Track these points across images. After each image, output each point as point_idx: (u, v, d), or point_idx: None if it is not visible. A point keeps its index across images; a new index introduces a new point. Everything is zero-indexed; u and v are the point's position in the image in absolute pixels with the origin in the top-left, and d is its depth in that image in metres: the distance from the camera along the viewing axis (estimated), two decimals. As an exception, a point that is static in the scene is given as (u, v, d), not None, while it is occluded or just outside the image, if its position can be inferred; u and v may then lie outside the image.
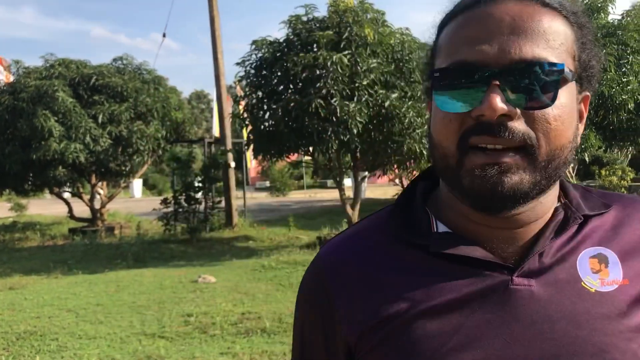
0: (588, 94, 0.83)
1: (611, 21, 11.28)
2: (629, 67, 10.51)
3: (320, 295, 0.87)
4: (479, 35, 0.74)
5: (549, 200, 0.82)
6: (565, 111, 0.75)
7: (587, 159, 10.97)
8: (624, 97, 10.24)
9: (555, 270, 0.78)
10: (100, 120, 13.41)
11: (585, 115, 0.83)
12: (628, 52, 10.47)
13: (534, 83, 0.72)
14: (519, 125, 0.72)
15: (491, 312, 0.77)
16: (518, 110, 0.72)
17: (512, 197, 0.74)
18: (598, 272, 0.78)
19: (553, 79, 0.72)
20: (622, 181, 16.92)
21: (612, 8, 11.53)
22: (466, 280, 0.79)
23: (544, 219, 0.81)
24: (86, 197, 15.41)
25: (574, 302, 0.76)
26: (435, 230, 0.84)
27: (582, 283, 0.78)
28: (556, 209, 0.83)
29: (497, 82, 0.71)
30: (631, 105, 10.32)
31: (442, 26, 0.82)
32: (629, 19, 11.29)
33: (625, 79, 10.39)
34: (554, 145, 0.74)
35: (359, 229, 0.92)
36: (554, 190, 0.83)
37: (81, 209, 16.18)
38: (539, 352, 0.74)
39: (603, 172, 17.42)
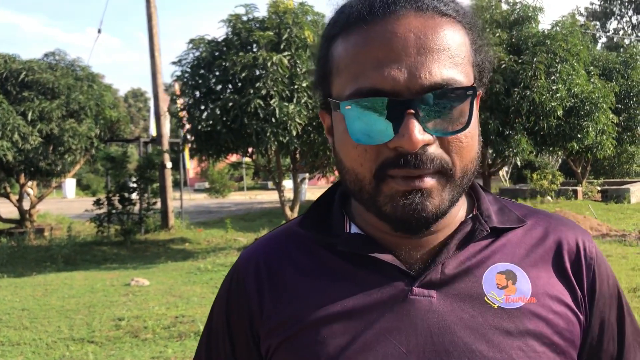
0: (481, 91, 0.81)
1: (541, 30, 11.70)
2: (557, 75, 10.93)
3: (237, 297, 0.87)
4: (386, 58, 0.70)
5: (456, 208, 0.81)
6: (474, 126, 0.74)
7: (519, 163, 11.31)
8: (553, 104, 10.65)
9: (458, 282, 0.78)
10: (29, 117, 12.85)
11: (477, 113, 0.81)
12: (557, 60, 10.90)
13: (448, 108, 0.70)
14: (435, 150, 0.71)
15: (390, 321, 0.76)
16: (434, 137, 0.71)
17: (434, 218, 0.73)
18: (504, 288, 0.78)
19: (465, 101, 0.71)
20: (552, 185, 17.59)
21: (542, 17, 11.99)
22: (369, 287, 0.78)
23: (450, 228, 0.81)
24: (14, 197, 14.75)
25: (474, 315, 0.76)
26: (347, 231, 0.84)
27: (486, 298, 0.77)
28: (466, 220, 0.82)
29: (412, 111, 0.69)
30: (560, 112, 10.74)
31: (333, 37, 0.77)
32: (557, 28, 11.75)
33: (554, 87, 10.80)
34: (466, 160, 0.74)
35: (280, 230, 0.92)
36: (462, 198, 0.82)
37: (9, 210, 15.52)
38: None
39: (535, 176, 18.07)
